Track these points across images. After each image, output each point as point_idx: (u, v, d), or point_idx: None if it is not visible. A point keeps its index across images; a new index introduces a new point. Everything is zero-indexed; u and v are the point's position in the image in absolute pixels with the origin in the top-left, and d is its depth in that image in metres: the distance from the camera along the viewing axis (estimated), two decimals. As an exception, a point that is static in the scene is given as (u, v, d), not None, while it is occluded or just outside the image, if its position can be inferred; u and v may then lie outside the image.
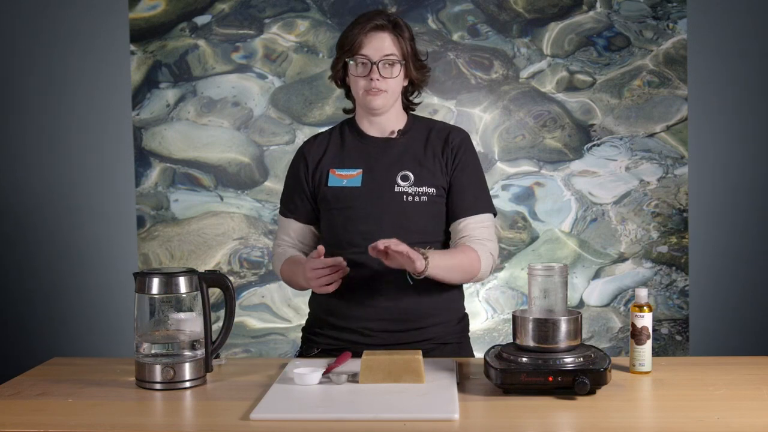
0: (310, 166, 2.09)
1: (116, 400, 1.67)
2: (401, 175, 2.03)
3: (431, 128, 2.09)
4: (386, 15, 2.01)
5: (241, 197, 3.44)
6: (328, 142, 2.11)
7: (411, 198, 2.01)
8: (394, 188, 2.01)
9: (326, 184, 2.06)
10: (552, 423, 1.52)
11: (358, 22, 2.00)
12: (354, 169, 2.05)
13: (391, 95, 2.01)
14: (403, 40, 1.99)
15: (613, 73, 3.37)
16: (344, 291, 1.98)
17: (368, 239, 1.96)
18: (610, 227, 3.40)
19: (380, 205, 2.01)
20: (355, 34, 1.98)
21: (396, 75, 1.99)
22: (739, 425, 1.47)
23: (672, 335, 3.42)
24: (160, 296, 1.75)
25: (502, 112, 3.38)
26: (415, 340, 2.00)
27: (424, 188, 2.01)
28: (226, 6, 3.39)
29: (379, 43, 1.97)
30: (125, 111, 3.42)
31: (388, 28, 1.98)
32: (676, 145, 3.37)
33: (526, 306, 1.80)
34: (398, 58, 1.98)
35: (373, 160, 2.05)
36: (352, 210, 2.02)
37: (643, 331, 1.80)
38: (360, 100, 2.04)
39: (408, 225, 2.00)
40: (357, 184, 2.03)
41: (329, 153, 2.09)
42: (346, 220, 2.03)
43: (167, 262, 3.45)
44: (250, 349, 3.45)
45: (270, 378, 1.80)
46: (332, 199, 2.05)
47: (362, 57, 1.97)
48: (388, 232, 1.97)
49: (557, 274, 1.73)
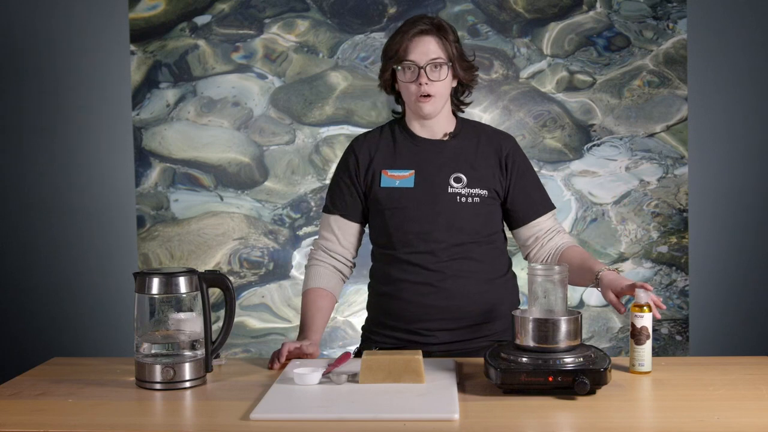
0: (362, 164, 2.10)
1: (116, 400, 1.67)
2: (454, 177, 2.05)
3: (481, 132, 2.12)
4: (429, 18, 2.03)
5: (241, 197, 3.44)
6: (378, 141, 2.12)
7: (464, 199, 2.03)
8: (447, 189, 2.03)
9: (379, 185, 2.07)
10: (552, 423, 1.52)
11: (402, 28, 2.02)
12: (406, 170, 2.06)
13: (441, 99, 2.03)
14: (447, 42, 2.00)
15: (613, 73, 3.37)
16: (400, 292, 2.03)
17: (422, 239, 2.01)
18: (610, 227, 3.40)
19: (434, 206, 2.03)
20: (401, 40, 1.99)
21: (444, 78, 2.01)
22: (739, 425, 1.47)
23: (672, 335, 3.42)
24: (160, 296, 1.75)
25: (502, 112, 3.38)
26: (474, 337, 2.03)
27: (477, 190, 2.04)
28: (226, 6, 3.39)
29: (425, 47, 1.98)
30: (125, 111, 3.42)
31: (432, 31, 2.00)
32: (676, 145, 3.37)
33: (526, 306, 1.80)
34: (444, 60, 2.00)
35: (425, 162, 2.06)
36: (405, 210, 2.04)
37: (643, 331, 1.80)
38: (411, 106, 2.06)
39: (461, 225, 2.02)
40: (410, 185, 2.05)
41: (381, 153, 2.10)
42: (400, 221, 2.04)
43: (167, 262, 3.45)
44: (250, 349, 3.46)
45: (270, 378, 1.80)
46: (384, 200, 2.06)
47: (409, 62, 1.99)
48: (442, 233, 2.02)
49: (557, 274, 1.73)
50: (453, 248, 2.02)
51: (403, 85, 2.03)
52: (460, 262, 2.02)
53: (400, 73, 2.02)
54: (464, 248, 2.03)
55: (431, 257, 2.02)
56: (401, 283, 2.03)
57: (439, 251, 2.02)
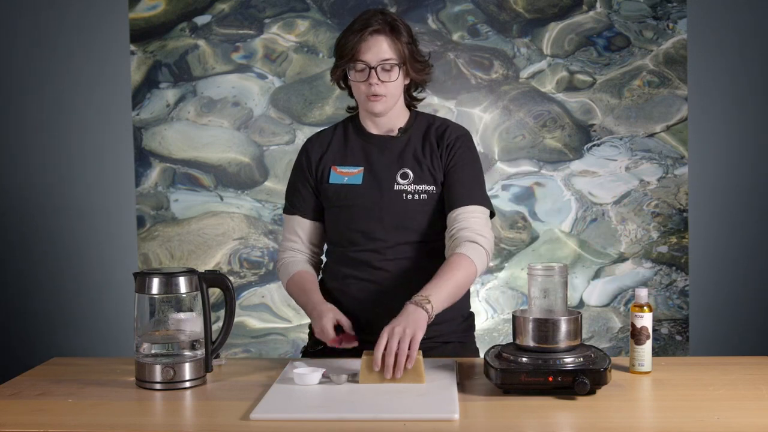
0: (313, 161, 2.10)
1: (116, 400, 1.67)
2: (401, 173, 2.03)
3: (430, 125, 2.09)
4: (383, 16, 1.99)
5: (241, 197, 3.44)
6: (331, 138, 2.12)
7: (410, 196, 2.01)
8: (393, 186, 2.02)
9: (327, 181, 2.06)
10: (552, 423, 1.52)
11: (355, 27, 1.99)
12: (355, 167, 2.06)
13: (391, 98, 2.02)
14: (400, 43, 1.98)
15: (613, 73, 3.37)
16: (348, 287, 2.02)
17: (369, 237, 2.00)
18: (610, 227, 3.40)
19: (380, 203, 2.01)
20: (353, 40, 1.97)
21: (394, 79, 1.99)
22: (739, 425, 1.47)
23: (672, 335, 3.42)
24: (160, 296, 1.75)
25: (502, 112, 3.38)
26: None
27: (423, 186, 2.02)
28: (226, 6, 3.39)
29: (377, 48, 1.96)
30: (125, 111, 3.42)
31: (385, 31, 1.97)
32: (676, 145, 3.37)
33: (526, 306, 1.80)
34: (396, 61, 1.98)
35: (374, 158, 2.05)
36: (352, 208, 2.03)
37: (643, 331, 1.80)
38: (362, 104, 2.05)
39: (407, 224, 2.01)
40: (358, 181, 2.04)
41: (332, 149, 2.10)
42: (347, 218, 2.04)
43: (167, 262, 3.45)
44: (250, 349, 3.45)
45: (270, 378, 1.80)
46: (333, 196, 2.06)
47: (360, 62, 1.97)
48: (388, 231, 2.00)
49: (557, 274, 1.73)
50: (399, 246, 2.00)
51: (354, 84, 2.01)
52: (406, 260, 2.00)
53: (351, 72, 2.00)
54: (411, 247, 2.01)
55: (377, 255, 2.00)
56: (348, 279, 2.02)
57: (385, 249, 2.00)
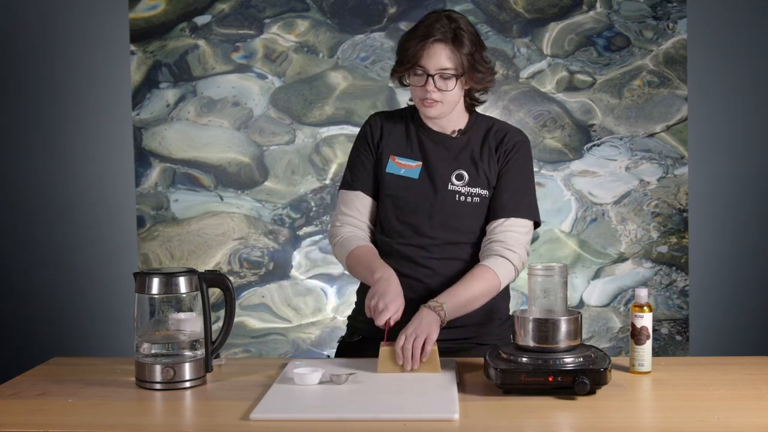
0: (375, 138, 2.07)
1: (116, 400, 1.67)
2: (456, 173, 2.02)
3: (490, 128, 2.07)
4: (448, 22, 1.94)
5: (241, 197, 3.44)
6: (394, 124, 2.08)
7: (463, 198, 2.00)
8: (447, 186, 2.01)
9: (384, 169, 2.04)
10: (552, 423, 1.52)
11: (418, 33, 1.95)
12: (414, 161, 2.04)
13: (447, 105, 1.98)
14: (461, 54, 1.93)
15: (613, 73, 3.37)
16: None
17: (417, 233, 1.99)
18: (610, 227, 3.40)
19: (433, 201, 2.00)
20: (414, 47, 1.94)
21: (451, 88, 1.95)
22: (739, 425, 1.47)
23: (672, 335, 3.42)
24: (160, 296, 1.75)
25: (502, 112, 3.38)
26: (452, 337, 1.98)
27: (478, 189, 2.00)
28: (226, 6, 3.39)
29: (437, 56, 1.93)
30: (125, 111, 3.42)
31: (447, 40, 1.93)
32: (676, 145, 3.37)
33: (526, 306, 1.80)
34: (454, 72, 1.94)
35: (432, 156, 2.03)
36: (404, 201, 2.02)
37: (643, 331, 1.80)
38: (417, 106, 2.02)
39: (457, 225, 2.00)
40: (414, 176, 2.02)
41: (393, 136, 2.07)
42: (398, 210, 2.02)
43: (167, 262, 3.45)
44: (250, 349, 3.45)
45: (270, 378, 1.80)
46: (386, 186, 2.04)
47: (419, 68, 1.94)
48: (436, 230, 1.99)
49: (557, 274, 1.73)
50: (446, 246, 2.00)
51: (412, 87, 2.00)
52: (450, 261, 2.00)
53: (410, 74, 1.98)
54: (458, 248, 2.01)
55: (422, 252, 2.00)
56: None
57: (431, 247, 2.00)
